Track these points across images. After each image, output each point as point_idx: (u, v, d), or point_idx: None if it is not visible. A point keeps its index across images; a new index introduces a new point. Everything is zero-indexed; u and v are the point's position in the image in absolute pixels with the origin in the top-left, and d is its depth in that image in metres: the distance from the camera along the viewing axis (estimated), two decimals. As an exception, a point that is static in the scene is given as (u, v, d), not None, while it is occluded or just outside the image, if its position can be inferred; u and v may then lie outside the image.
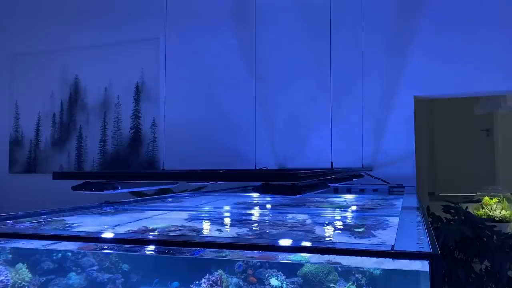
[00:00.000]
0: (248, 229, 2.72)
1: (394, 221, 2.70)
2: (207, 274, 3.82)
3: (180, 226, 2.71)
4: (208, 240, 2.05)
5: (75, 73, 6.71)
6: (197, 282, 3.23)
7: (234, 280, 4.16)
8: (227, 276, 3.94)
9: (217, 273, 3.82)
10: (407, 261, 1.75)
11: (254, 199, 4.40)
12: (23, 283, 4.21)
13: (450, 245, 4.16)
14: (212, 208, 3.65)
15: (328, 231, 2.64)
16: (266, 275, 3.67)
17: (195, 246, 1.94)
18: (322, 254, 1.76)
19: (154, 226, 2.79)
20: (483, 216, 5.29)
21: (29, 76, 7.01)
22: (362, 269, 4.25)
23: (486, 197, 5.73)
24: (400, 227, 2.27)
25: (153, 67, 6.15)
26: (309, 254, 2.05)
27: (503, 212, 5.63)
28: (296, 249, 1.82)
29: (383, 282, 4.32)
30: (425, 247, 1.74)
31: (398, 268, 1.69)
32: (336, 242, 2.30)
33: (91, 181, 2.58)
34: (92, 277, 4.58)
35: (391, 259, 1.72)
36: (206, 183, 3.70)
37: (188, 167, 5.35)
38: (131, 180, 2.62)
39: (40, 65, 6.93)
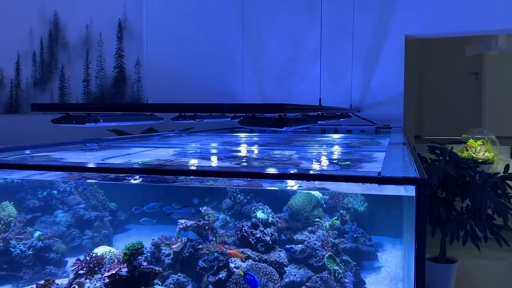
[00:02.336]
0: (235, 163, 2.70)
1: (380, 155, 2.69)
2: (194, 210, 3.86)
3: (167, 160, 2.68)
4: (194, 168, 2.02)
5: (54, 9, 6.38)
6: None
7: (222, 216, 4.23)
8: (214, 212, 4.00)
9: (204, 208, 3.87)
10: (393, 187, 1.75)
11: (242, 138, 4.38)
12: (10, 218, 4.21)
13: (434, 184, 4.24)
14: (199, 145, 3.62)
15: (315, 164, 2.63)
16: (253, 209, 3.73)
17: (182, 174, 1.90)
18: (309, 180, 1.74)
19: (140, 160, 2.75)
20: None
21: (4, 10, 6.65)
22: (346, 206, 4.33)
23: (471, 139, 5.80)
24: (387, 158, 2.26)
25: (136, 3, 5.87)
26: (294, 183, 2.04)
27: (487, 154, 5.73)
28: (282, 176, 1.79)
29: (366, 218, 4.42)
30: (412, 173, 1.73)
31: (384, 194, 1.69)
32: (323, 170, 2.28)
33: (71, 113, 2.50)
34: (79, 215, 4.61)
35: (377, 185, 1.71)
36: (192, 121, 3.64)
37: (174, 107, 5.23)
38: (113, 112, 2.54)
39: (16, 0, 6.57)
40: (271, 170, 1.88)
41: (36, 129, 6.33)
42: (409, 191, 1.68)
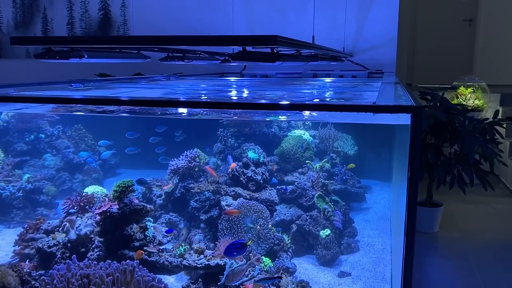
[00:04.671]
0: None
1: (373, 94, 2.66)
2: (186, 151, 3.85)
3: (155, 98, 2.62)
4: (185, 99, 1.96)
5: None
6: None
7: (213, 159, 4.22)
8: (206, 155, 3.99)
9: (195, 150, 3.86)
10: (388, 116, 1.72)
11: (232, 82, 4.30)
12: (-3, 160, 4.16)
13: (424, 130, 4.25)
14: (188, 86, 3.54)
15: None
16: (244, 148, 3.73)
17: (171, 105, 1.86)
18: (302, 110, 1.71)
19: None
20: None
21: None
22: (336, 150, 4.35)
23: (462, 87, 5.79)
24: (381, 93, 2.23)
25: None
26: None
27: (476, 101, 5.74)
28: (274, 106, 1.75)
29: (356, 162, 4.45)
30: (407, 103, 1.71)
31: (379, 123, 1.67)
32: (319, 101, 2.25)
33: (54, 47, 2.40)
34: (68, 159, 4.58)
35: (372, 114, 1.69)
36: (181, 62, 3.54)
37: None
38: (99, 45, 2.44)
39: None
40: (263, 100, 1.83)
41: (20, 75, 6.15)
42: (404, 119, 1.66)
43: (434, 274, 3.22)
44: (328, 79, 4.26)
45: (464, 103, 5.64)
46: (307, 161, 3.92)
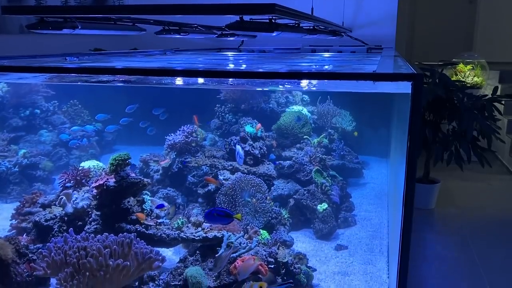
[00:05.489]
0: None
1: (373, 67, 2.62)
2: (182, 126, 3.82)
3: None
4: (181, 68, 1.93)
5: None
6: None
7: (210, 135, 4.20)
8: (202, 131, 3.96)
9: (192, 125, 3.83)
10: (388, 85, 1.70)
11: (230, 56, 4.24)
12: (-9, 134, 4.11)
13: (422, 106, 4.23)
14: (184, 60, 3.49)
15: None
16: (242, 123, 3.71)
17: (169, 75, 1.82)
18: (301, 78, 1.68)
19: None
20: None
21: None
22: (334, 125, 4.32)
23: (461, 64, 5.74)
24: (381, 63, 2.20)
25: None
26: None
27: (475, 78, 5.71)
28: (273, 75, 1.72)
29: (354, 137, 4.43)
30: (408, 71, 1.67)
31: (379, 92, 1.65)
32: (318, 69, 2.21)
33: (47, 17, 2.34)
34: (65, 135, 4.54)
35: (372, 83, 1.66)
36: (177, 35, 3.47)
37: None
38: (93, 14, 2.38)
39: None
40: (261, 70, 1.80)
41: (13, 51, 6.05)
42: (405, 88, 1.63)
43: (429, 249, 3.25)
44: (327, 54, 4.21)
45: (463, 80, 5.60)
46: (305, 137, 3.90)
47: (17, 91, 4.45)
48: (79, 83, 2.64)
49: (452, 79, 5.64)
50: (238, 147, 3.36)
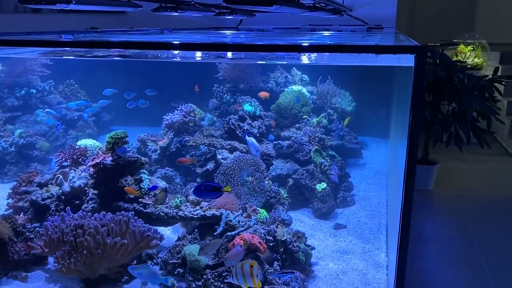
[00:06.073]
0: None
1: (374, 42, 2.58)
2: (180, 105, 3.78)
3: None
4: (180, 41, 1.88)
5: None
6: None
7: (208, 116, 4.16)
8: (200, 110, 3.92)
9: (190, 105, 3.78)
10: (391, 57, 1.66)
11: (228, 35, 4.17)
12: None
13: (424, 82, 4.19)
14: (182, 37, 3.43)
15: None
16: (240, 101, 3.66)
17: (168, 48, 1.77)
18: (303, 52, 1.64)
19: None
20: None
21: None
22: (334, 106, 4.29)
23: (462, 45, 5.68)
24: (382, 39, 2.15)
25: None
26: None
27: (476, 60, 5.65)
28: (274, 47, 1.68)
29: (353, 118, 4.40)
30: (411, 44, 1.63)
31: (380, 65, 1.61)
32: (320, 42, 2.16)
33: (40, -9, 2.27)
34: (61, 114, 4.49)
35: (374, 56, 1.62)
36: (174, 12, 3.40)
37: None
38: (88, -13, 2.32)
39: None
40: (263, 43, 1.75)
41: (7, 31, 5.95)
42: (407, 61, 1.60)
43: (427, 230, 3.25)
44: (326, 33, 4.14)
45: (463, 61, 5.55)
46: (304, 116, 3.86)
47: (12, 71, 4.39)
48: (72, 57, 2.59)
49: (452, 59, 5.59)
50: (251, 139, 3.01)
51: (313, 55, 1.78)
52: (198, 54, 1.89)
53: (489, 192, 4.07)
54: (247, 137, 2.99)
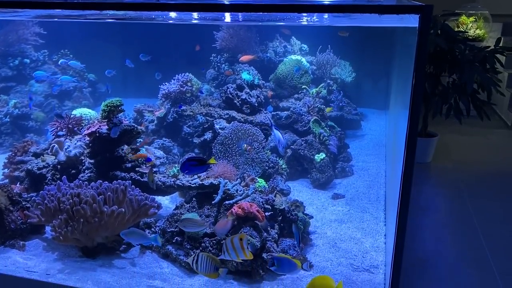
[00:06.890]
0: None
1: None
2: (177, 75, 3.71)
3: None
4: (174, 2, 1.81)
5: None
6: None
7: (206, 86, 4.09)
8: (198, 81, 3.85)
9: (187, 74, 3.71)
10: (394, 18, 1.60)
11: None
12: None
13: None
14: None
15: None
16: (238, 70, 3.59)
17: (160, 9, 1.71)
18: (304, 12, 1.58)
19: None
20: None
21: None
22: (334, 76, 4.22)
23: (463, 16, 5.57)
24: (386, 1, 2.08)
25: None
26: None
27: (478, 31, 5.56)
28: (271, 8, 1.61)
29: (353, 89, 4.34)
30: (416, 3, 1.57)
31: (383, 26, 1.56)
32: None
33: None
34: (57, 85, 4.41)
35: (377, 16, 1.56)
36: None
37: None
38: None
39: None
40: (258, 3, 1.68)
41: None
42: (412, 21, 1.54)
43: (425, 201, 3.24)
44: (326, 1, 4.04)
45: (465, 31, 5.45)
46: (303, 87, 3.80)
47: (4, 40, 4.28)
48: (66, 19, 2.51)
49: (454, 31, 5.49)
50: (278, 133, 2.80)
51: (314, 17, 1.71)
52: (195, 15, 1.83)
53: (487, 165, 4.06)
54: (274, 130, 2.82)
